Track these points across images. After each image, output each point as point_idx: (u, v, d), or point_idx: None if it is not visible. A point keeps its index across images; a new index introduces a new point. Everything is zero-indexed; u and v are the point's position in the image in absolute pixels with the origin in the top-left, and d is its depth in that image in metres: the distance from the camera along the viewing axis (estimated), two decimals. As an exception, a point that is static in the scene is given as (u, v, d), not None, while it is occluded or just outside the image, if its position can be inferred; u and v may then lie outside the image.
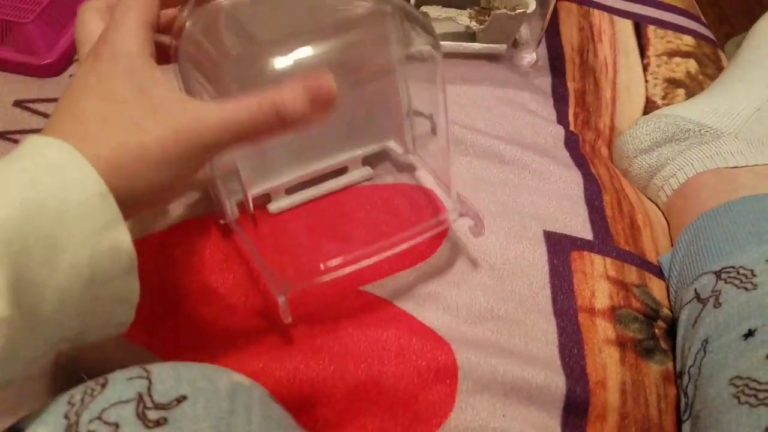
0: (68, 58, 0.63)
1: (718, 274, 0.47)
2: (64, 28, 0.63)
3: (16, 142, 0.56)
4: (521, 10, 0.63)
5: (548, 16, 0.64)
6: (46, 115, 0.59)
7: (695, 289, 0.48)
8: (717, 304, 0.45)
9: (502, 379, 0.43)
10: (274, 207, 0.51)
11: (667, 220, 0.58)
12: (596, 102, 0.67)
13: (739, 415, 0.39)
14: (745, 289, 0.45)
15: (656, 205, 0.60)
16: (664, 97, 0.68)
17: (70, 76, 0.62)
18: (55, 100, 0.60)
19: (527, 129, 0.61)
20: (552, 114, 0.65)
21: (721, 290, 0.46)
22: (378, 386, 0.43)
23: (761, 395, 0.39)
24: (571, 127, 0.64)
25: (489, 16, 0.64)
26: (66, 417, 0.29)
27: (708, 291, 0.47)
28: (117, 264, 0.31)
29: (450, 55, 0.66)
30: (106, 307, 0.33)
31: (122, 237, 0.31)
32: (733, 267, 0.47)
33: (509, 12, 0.63)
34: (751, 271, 0.46)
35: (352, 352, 0.44)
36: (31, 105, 0.59)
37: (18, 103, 0.59)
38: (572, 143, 0.61)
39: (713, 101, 0.61)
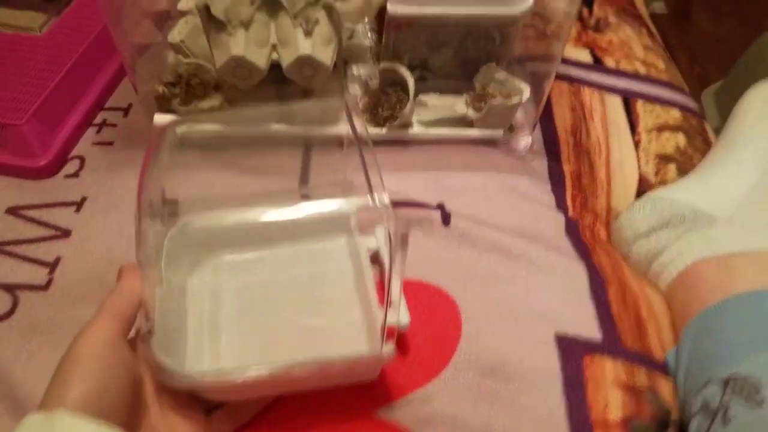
0: (63, 157, 0.61)
1: (725, 383, 0.48)
2: (58, 126, 0.61)
3: (8, 254, 0.54)
4: (517, 101, 0.63)
5: (543, 102, 0.65)
6: (39, 223, 0.57)
7: (704, 399, 0.49)
8: (726, 419, 0.46)
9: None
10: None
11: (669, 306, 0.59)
12: (592, 183, 0.68)
13: None
14: (753, 406, 0.46)
15: (658, 287, 0.60)
16: (656, 174, 0.70)
17: (65, 177, 0.60)
18: (47, 205, 0.58)
19: (529, 218, 0.62)
20: (551, 199, 0.65)
21: (729, 404, 0.47)
22: None
23: None
24: (570, 212, 0.65)
25: (485, 102, 0.64)
26: None
27: (716, 402, 0.48)
28: None
29: (449, 141, 0.67)
30: None
31: None
32: (740, 375, 0.48)
33: (505, 103, 0.64)
34: (759, 380, 0.47)
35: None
36: (23, 212, 0.58)
37: (10, 211, 0.57)
38: (573, 230, 0.62)
39: (704, 184, 0.62)
